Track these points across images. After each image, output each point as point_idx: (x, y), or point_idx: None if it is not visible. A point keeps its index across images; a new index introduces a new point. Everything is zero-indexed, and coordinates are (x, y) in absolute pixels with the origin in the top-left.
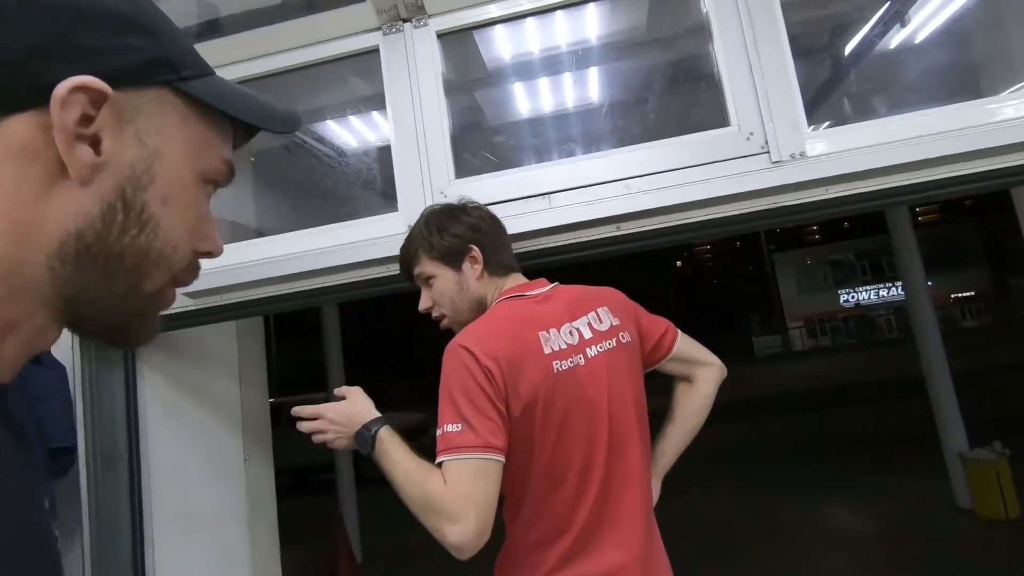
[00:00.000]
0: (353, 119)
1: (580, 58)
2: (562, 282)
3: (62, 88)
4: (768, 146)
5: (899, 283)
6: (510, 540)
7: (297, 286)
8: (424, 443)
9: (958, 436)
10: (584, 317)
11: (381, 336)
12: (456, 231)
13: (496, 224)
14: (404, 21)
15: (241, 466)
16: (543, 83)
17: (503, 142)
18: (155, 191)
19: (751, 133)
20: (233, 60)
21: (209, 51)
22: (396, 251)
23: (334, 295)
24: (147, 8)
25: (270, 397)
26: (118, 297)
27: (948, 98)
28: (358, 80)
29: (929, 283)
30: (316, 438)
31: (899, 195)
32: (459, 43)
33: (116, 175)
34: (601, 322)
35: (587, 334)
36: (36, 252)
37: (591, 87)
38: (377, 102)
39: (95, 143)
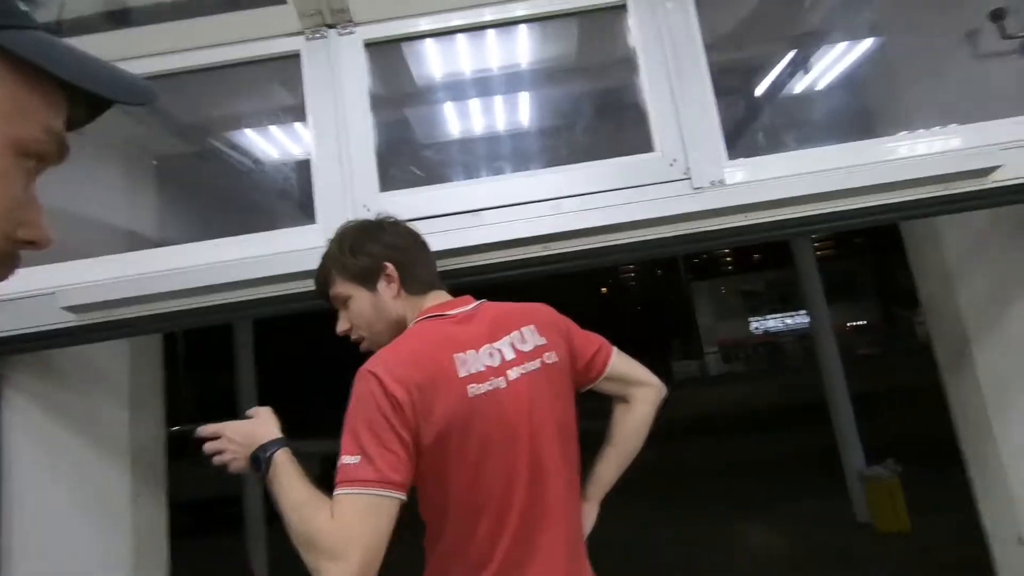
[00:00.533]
0: (271, 127)
1: (512, 79)
2: (489, 300)
3: None
4: (690, 172)
5: (803, 312)
6: (430, 570)
7: (200, 301)
8: None
9: (857, 456)
10: (507, 337)
11: (306, 357)
12: (370, 250)
13: (415, 240)
14: (329, 27)
15: (128, 505)
16: (474, 102)
17: (432, 157)
18: None
19: (674, 160)
20: (141, 53)
21: (115, 41)
22: (313, 265)
23: (243, 312)
24: None
25: (177, 424)
26: None
27: (849, 138)
28: (277, 86)
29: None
30: (216, 459)
31: (808, 224)
32: (388, 55)
33: None
34: (525, 342)
35: (509, 355)
36: None
37: (522, 108)
38: (297, 110)
39: None
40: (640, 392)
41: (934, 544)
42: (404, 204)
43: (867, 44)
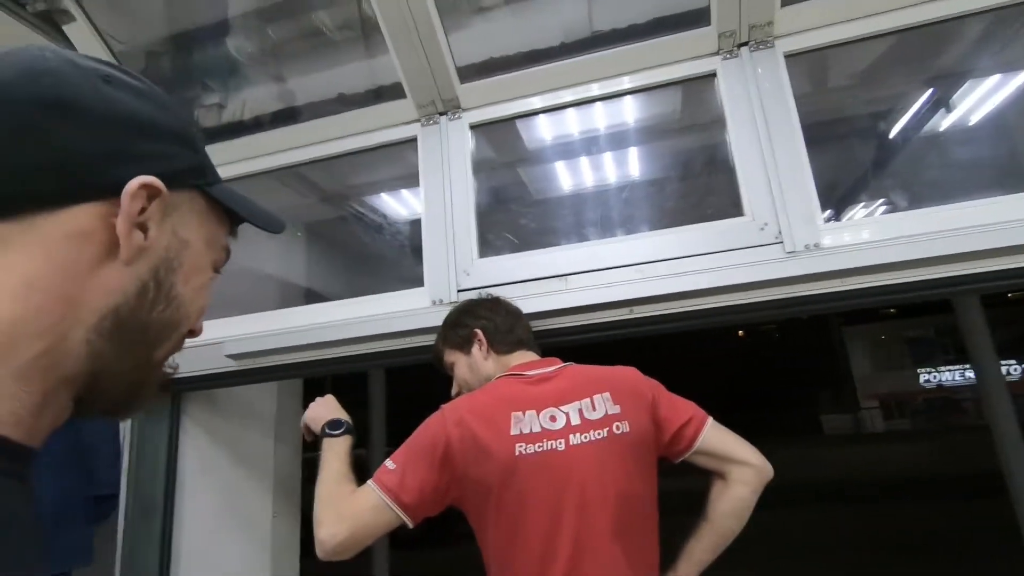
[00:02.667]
0: (394, 198)
1: (602, 146)
2: (605, 354)
3: (134, 184)
4: (782, 236)
5: None
6: None
7: (329, 353)
8: None
9: None
10: (576, 402)
11: (428, 402)
12: (466, 322)
13: (506, 309)
14: (441, 114)
15: (268, 522)
16: (569, 169)
17: (526, 224)
18: (181, 274)
19: (765, 223)
20: (299, 144)
21: (278, 138)
22: (420, 324)
23: (362, 363)
24: (188, 124)
25: (313, 451)
26: (129, 369)
27: (968, 193)
28: (402, 164)
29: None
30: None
31: (920, 289)
32: (492, 129)
33: (153, 258)
34: (595, 410)
35: (575, 420)
36: (78, 327)
37: (612, 172)
38: (415, 183)
39: (143, 230)
40: (738, 472)
41: None
42: (498, 269)
43: (981, 98)
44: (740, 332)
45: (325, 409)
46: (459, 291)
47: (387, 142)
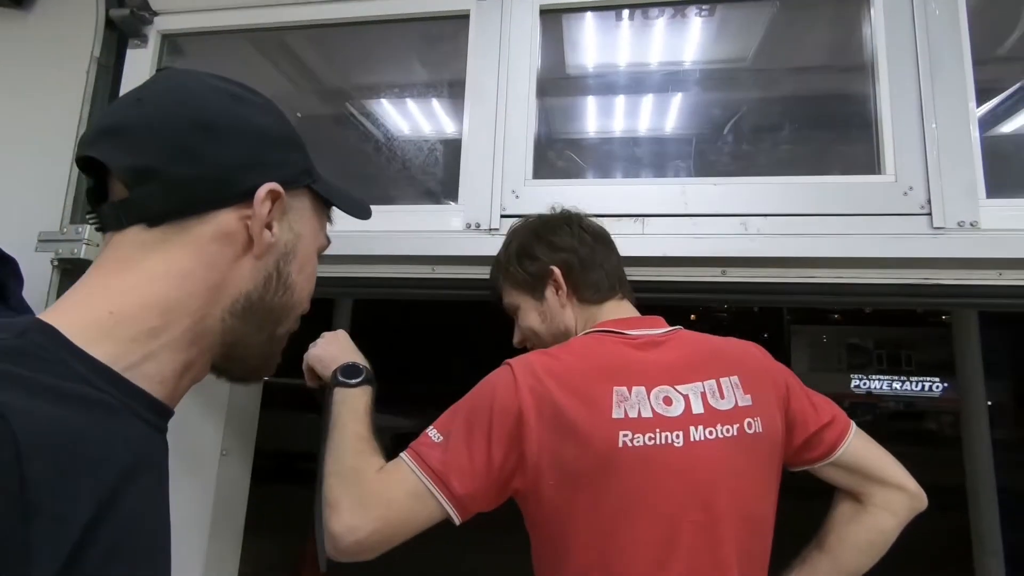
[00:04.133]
0: (416, 99)
1: (707, 71)
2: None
3: (263, 190)
4: (930, 207)
5: (915, 378)
6: None
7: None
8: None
9: (997, 567)
10: (698, 383)
11: (398, 336)
12: (538, 254)
13: (594, 233)
14: None
15: (216, 461)
16: (657, 92)
17: (599, 147)
18: (296, 263)
19: (910, 187)
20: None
21: None
22: (446, 251)
23: (361, 289)
24: (296, 131)
25: (278, 376)
26: (261, 342)
27: None
28: (434, 51)
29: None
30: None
31: None
32: (560, 24)
33: (276, 252)
34: (723, 398)
35: (696, 408)
36: (217, 308)
37: (724, 104)
38: (441, 86)
39: (270, 229)
40: (883, 496)
41: None
42: (555, 196)
43: None
44: (692, 316)
45: (337, 348)
46: (503, 216)
47: (429, 13)
